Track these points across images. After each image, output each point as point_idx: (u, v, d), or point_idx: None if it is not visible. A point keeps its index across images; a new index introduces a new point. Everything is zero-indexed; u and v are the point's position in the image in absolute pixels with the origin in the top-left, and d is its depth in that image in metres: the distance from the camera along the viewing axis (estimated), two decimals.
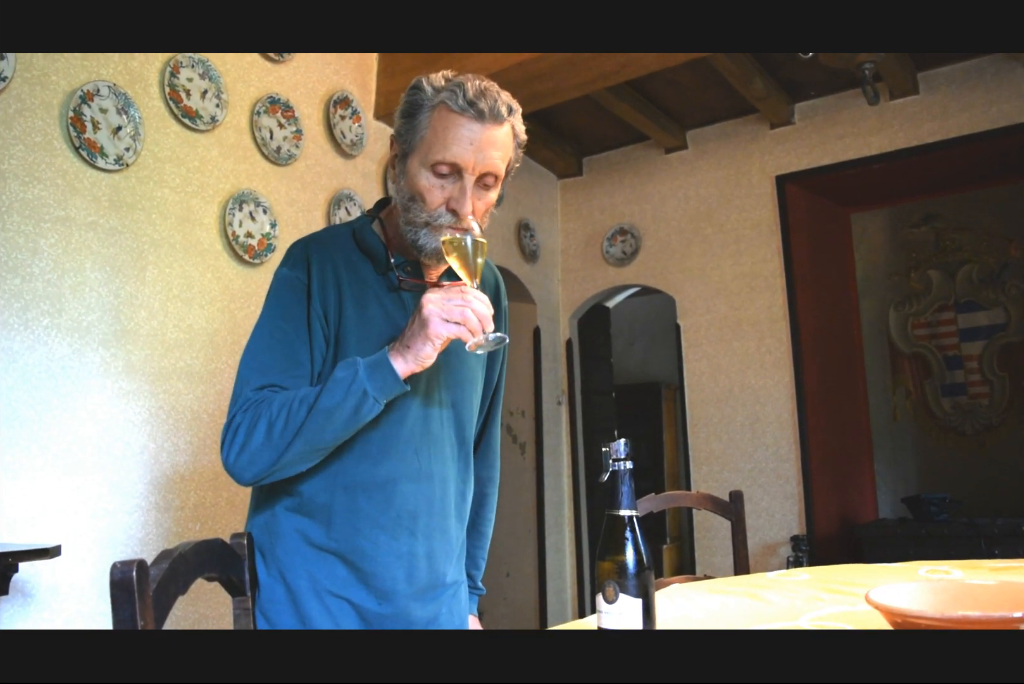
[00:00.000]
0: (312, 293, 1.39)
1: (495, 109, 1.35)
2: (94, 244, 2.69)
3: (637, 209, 5.31)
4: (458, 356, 1.50)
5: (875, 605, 1.20)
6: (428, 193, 1.37)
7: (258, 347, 1.39)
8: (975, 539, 4.04)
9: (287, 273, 1.43)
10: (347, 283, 1.42)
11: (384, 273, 1.46)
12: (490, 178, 1.39)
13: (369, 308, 1.43)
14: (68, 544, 2.45)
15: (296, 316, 1.39)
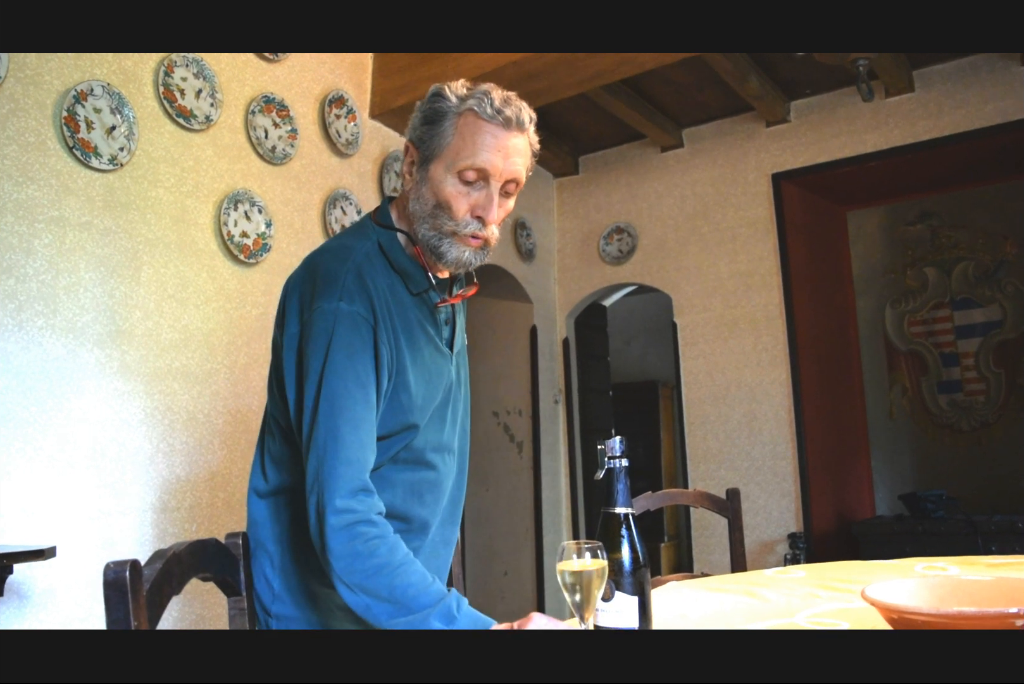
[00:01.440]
0: (379, 332, 1.34)
1: (519, 117, 1.37)
2: (88, 244, 2.68)
3: (633, 207, 5.31)
4: (462, 360, 1.58)
5: (871, 601, 1.20)
6: (455, 200, 1.36)
7: (346, 417, 1.28)
8: (972, 536, 4.04)
9: (347, 309, 1.31)
10: (395, 311, 1.38)
11: (417, 291, 1.43)
12: (512, 185, 1.40)
13: (415, 335, 1.41)
14: (64, 545, 2.45)
15: (366, 353, 1.32)
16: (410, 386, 1.36)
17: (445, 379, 1.47)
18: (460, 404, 1.56)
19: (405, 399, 1.36)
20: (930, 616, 1.11)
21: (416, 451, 1.43)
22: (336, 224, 3.61)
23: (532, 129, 1.43)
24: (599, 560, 1.10)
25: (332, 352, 1.29)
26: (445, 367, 1.47)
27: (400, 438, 1.39)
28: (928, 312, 5.01)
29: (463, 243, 1.38)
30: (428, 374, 1.41)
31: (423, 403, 1.40)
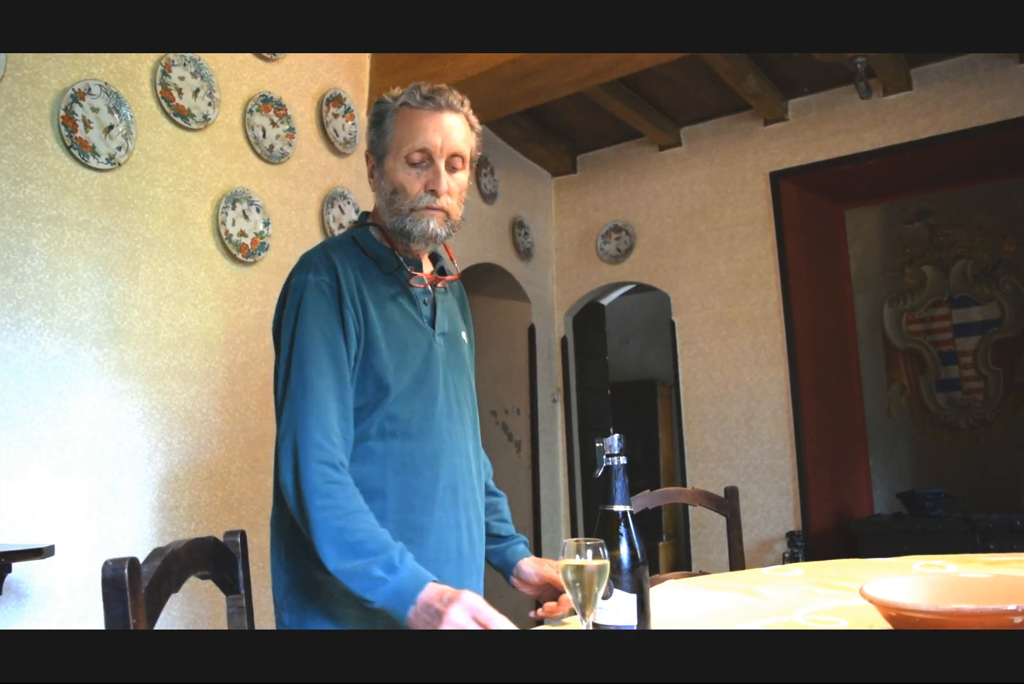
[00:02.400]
0: (342, 293, 1.46)
1: (448, 100, 1.51)
2: (86, 243, 2.68)
3: (631, 206, 5.31)
4: (456, 348, 1.63)
5: (870, 599, 1.20)
6: (407, 183, 1.51)
7: (313, 364, 1.40)
8: (970, 534, 4.05)
9: (314, 278, 1.46)
10: (366, 286, 1.50)
11: (391, 273, 1.55)
12: (457, 160, 1.52)
13: (387, 308, 1.52)
14: (62, 544, 2.45)
15: (333, 316, 1.44)
16: (382, 352, 1.46)
17: (423, 351, 1.53)
18: (459, 389, 1.61)
19: (377, 363, 1.46)
20: (928, 613, 1.11)
21: (402, 422, 1.48)
22: (334, 223, 3.61)
23: (467, 111, 1.56)
24: (600, 558, 1.10)
25: (301, 315, 1.44)
26: (423, 340, 1.54)
27: (379, 405, 1.46)
28: (926, 310, 5.01)
29: (424, 216, 1.50)
30: (403, 343, 1.50)
31: (396, 367, 1.48)
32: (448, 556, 1.51)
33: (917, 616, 1.13)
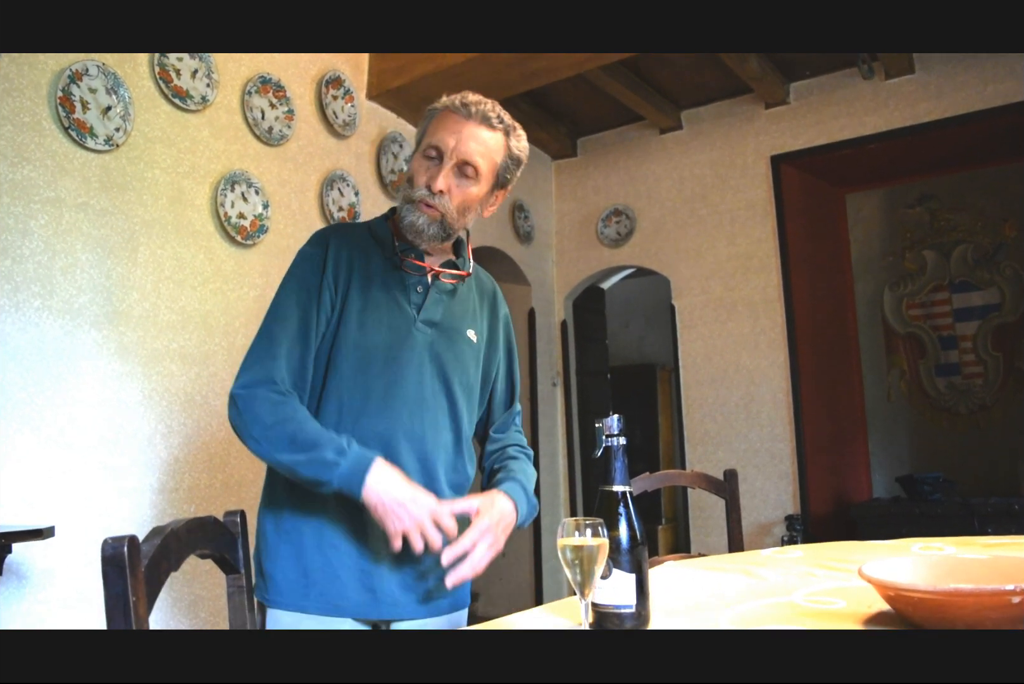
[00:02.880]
0: (326, 265, 1.56)
1: (484, 112, 1.56)
2: (85, 225, 2.67)
3: (632, 190, 5.29)
4: (449, 340, 1.64)
5: (868, 579, 1.20)
6: (417, 174, 1.57)
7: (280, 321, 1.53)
8: (968, 518, 4.06)
9: (308, 250, 1.61)
10: (358, 265, 1.59)
11: (390, 257, 1.62)
12: (470, 169, 1.55)
13: (373, 286, 1.58)
14: (62, 526, 2.45)
15: (312, 285, 1.55)
16: (351, 325, 1.54)
17: (399, 334, 1.57)
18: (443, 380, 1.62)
19: (343, 334, 1.54)
20: (926, 593, 1.12)
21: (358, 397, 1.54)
22: (333, 205, 3.60)
23: (512, 134, 1.61)
24: (599, 537, 1.10)
25: (285, 279, 1.58)
26: (401, 324, 1.58)
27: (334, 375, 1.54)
28: (927, 295, 5.01)
29: (417, 209, 1.56)
30: (377, 324, 1.56)
31: (359, 342, 1.54)
32: None
33: (915, 596, 1.13)
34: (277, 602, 1.48)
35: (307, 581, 1.48)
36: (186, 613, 2.84)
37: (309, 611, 1.47)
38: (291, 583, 1.48)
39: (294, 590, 1.48)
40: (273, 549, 1.51)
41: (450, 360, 1.63)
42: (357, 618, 1.50)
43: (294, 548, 1.49)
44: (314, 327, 1.53)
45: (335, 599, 1.48)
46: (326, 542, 1.49)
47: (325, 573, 1.48)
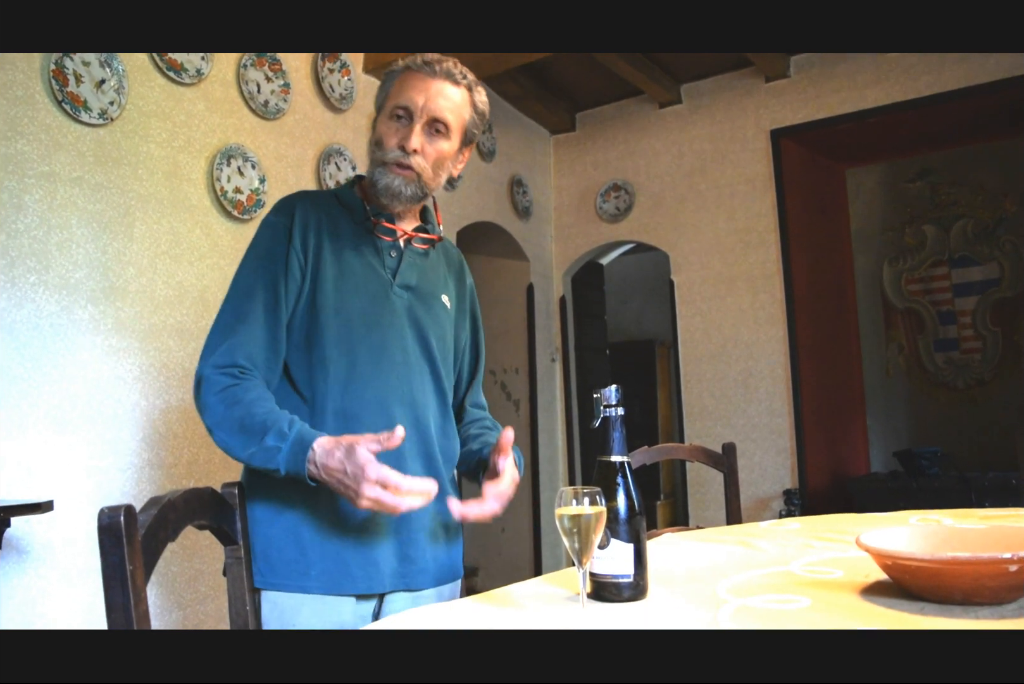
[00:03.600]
0: (293, 234, 1.53)
1: (448, 70, 1.55)
2: (80, 200, 2.65)
3: (631, 164, 5.26)
4: (426, 304, 1.62)
5: (866, 548, 1.20)
6: (386, 136, 1.55)
7: (244, 295, 1.49)
8: (966, 492, 4.07)
9: (272, 219, 1.57)
10: (327, 231, 1.56)
11: (361, 223, 1.60)
12: (440, 126, 1.55)
13: (345, 252, 1.56)
14: (61, 501, 2.46)
15: (278, 255, 1.51)
16: (327, 293, 1.51)
17: (377, 299, 1.55)
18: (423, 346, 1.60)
19: (320, 302, 1.51)
20: (924, 562, 1.12)
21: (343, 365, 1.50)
22: (330, 180, 3.57)
23: (471, 87, 1.60)
24: (597, 505, 1.10)
25: (248, 252, 1.55)
26: (378, 289, 1.56)
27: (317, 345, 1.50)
28: (926, 270, 5.00)
29: (390, 171, 1.54)
30: (354, 288, 1.53)
31: (339, 308, 1.51)
32: None
33: (913, 564, 1.13)
34: (275, 584, 1.44)
35: (306, 560, 1.44)
36: (186, 587, 2.86)
37: (311, 591, 1.43)
38: (289, 563, 1.44)
39: (293, 570, 1.43)
40: (265, 530, 1.46)
41: (429, 324, 1.61)
42: (359, 594, 1.47)
43: (289, 527, 1.45)
44: (283, 299, 1.49)
45: (337, 577, 1.44)
46: (323, 519, 1.46)
47: (324, 551, 1.45)
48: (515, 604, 1.26)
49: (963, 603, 1.11)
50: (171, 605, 2.82)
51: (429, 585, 1.56)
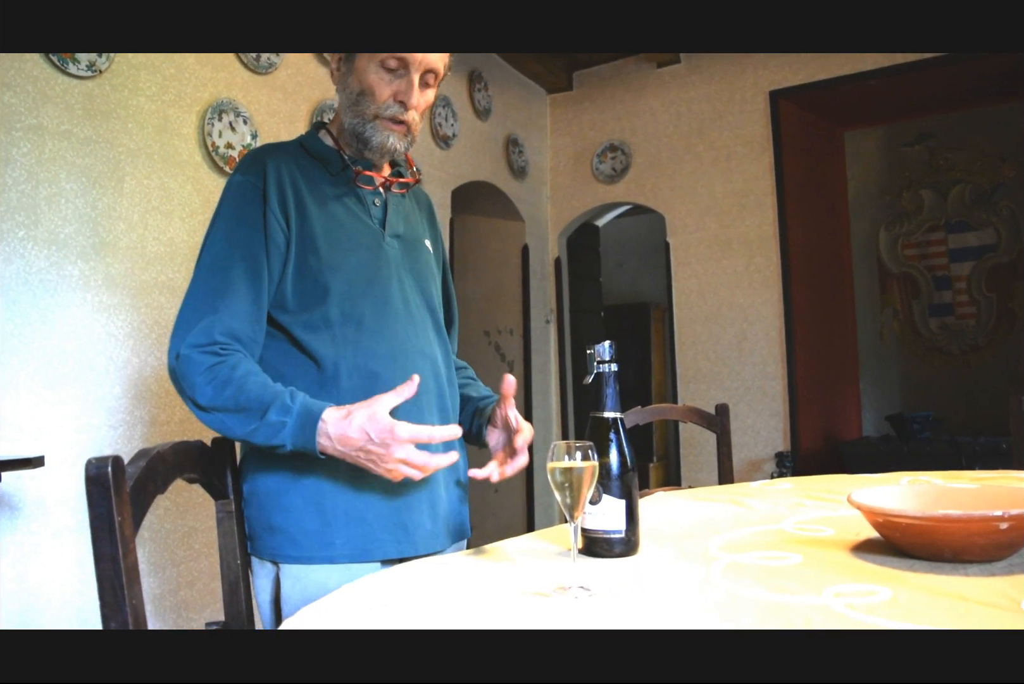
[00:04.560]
0: (268, 194, 1.42)
1: None
2: (68, 154, 2.61)
3: (628, 125, 5.21)
4: (415, 252, 1.58)
5: (857, 505, 1.20)
6: (377, 86, 1.45)
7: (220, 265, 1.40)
8: (956, 457, 4.10)
9: (240, 179, 1.44)
10: (304, 185, 1.47)
11: (338, 173, 1.52)
12: (430, 77, 1.49)
13: (329, 205, 1.48)
14: (53, 457, 2.45)
15: (253, 219, 1.41)
16: (319, 251, 1.43)
17: (372, 251, 1.49)
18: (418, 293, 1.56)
19: (314, 263, 1.42)
20: (915, 519, 1.12)
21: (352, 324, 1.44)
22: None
23: None
24: (590, 460, 1.09)
25: (217, 218, 1.43)
26: (371, 240, 1.50)
27: (319, 306, 1.43)
28: (922, 235, 4.98)
29: (386, 128, 1.47)
30: (347, 243, 1.46)
31: (336, 266, 1.44)
32: None
33: (904, 522, 1.14)
34: (297, 558, 1.38)
35: (330, 530, 1.37)
36: (180, 545, 2.87)
37: (337, 560, 1.37)
38: (312, 534, 1.37)
39: (317, 542, 1.37)
40: (283, 501, 1.38)
41: (421, 272, 1.57)
42: (385, 559, 1.41)
43: (309, 496, 1.38)
44: (264, 267, 1.40)
45: (363, 543, 1.39)
46: (345, 484, 1.38)
47: (350, 517, 1.38)
48: (507, 559, 1.26)
49: (953, 561, 1.12)
50: (165, 562, 2.83)
51: (449, 544, 1.53)
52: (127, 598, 0.91)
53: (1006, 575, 1.05)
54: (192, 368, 1.31)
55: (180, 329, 1.36)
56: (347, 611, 1.00)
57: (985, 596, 0.95)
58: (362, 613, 0.99)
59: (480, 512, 5.26)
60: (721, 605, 0.96)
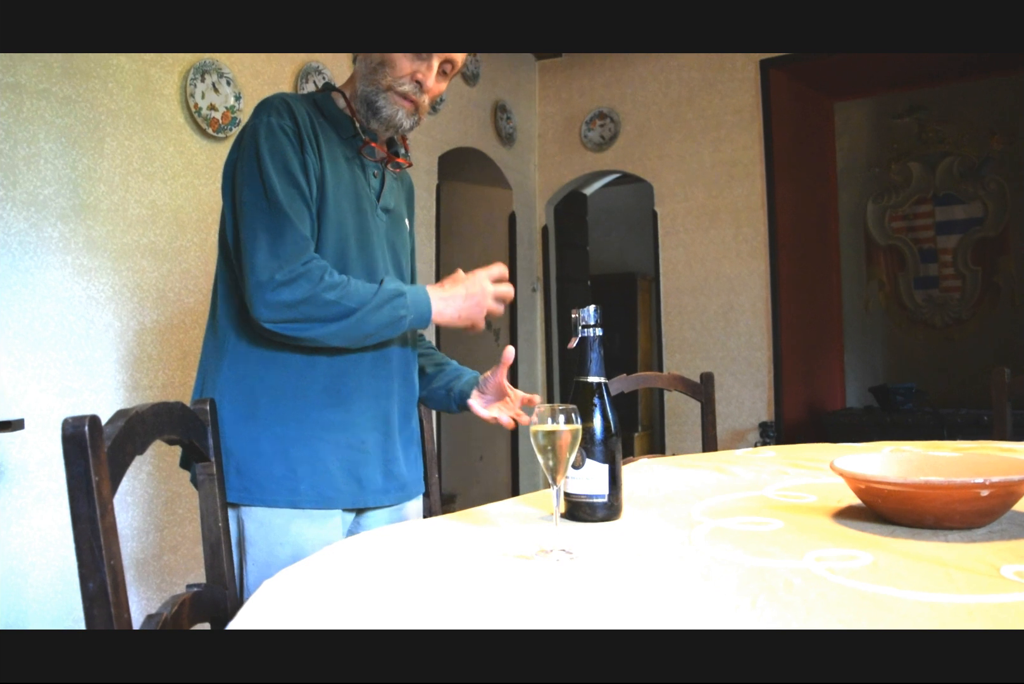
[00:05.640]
0: (302, 137, 1.42)
1: None
2: (47, 113, 2.56)
3: (617, 92, 5.15)
4: (398, 227, 1.62)
5: (840, 472, 1.20)
6: (400, 61, 1.46)
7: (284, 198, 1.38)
8: (938, 428, 4.13)
9: (275, 121, 1.41)
10: (323, 140, 1.48)
11: (348, 138, 1.53)
12: (449, 66, 1.51)
13: (340, 165, 1.49)
14: (35, 422, 2.44)
15: (296, 156, 1.41)
16: (328, 203, 1.44)
17: (366, 218, 1.52)
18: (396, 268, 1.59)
19: (321, 212, 1.44)
20: (897, 485, 1.12)
21: None
22: None
23: None
24: (573, 423, 1.09)
25: (264, 154, 1.38)
26: (367, 208, 1.52)
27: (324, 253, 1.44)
28: (910, 207, 4.97)
29: (397, 102, 1.48)
30: (349, 204, 1.48)
31: (339, 224, 1.46)
32: (375, 424, 1.50)
33: (886, 488, 1.14)
34: (263, 500, 1.42)
35: (295, 476, 1.42)
36: (163, 510, 2.86)
37: (301, 505, 1.42)
38: (278, 479, 1.42)
39: (282, 486, 1.42)
40: (251, 448, 1.43)
41: (399, 248, 1.62)
42: (345, 508, 1.48)
43: (277, 444, 1.43)
44: (311, 201, 1.42)
45: (325, 491, 1.44)
46: (311, 434, 1.44)
47: (314, 466, 1.43)
48: (490, 522, 1.26)
49: (933, 527, 1.12)
50: (148, 527, 2.82)
51: (400, 501, 1.58)
52: (105, 558, 0.90)
53: (985, 541, 1.06)
54: (316, 272, 1.34)
55: (279, 257, 1.34)
56: (329, 572, 1.00)
57: (964, 562, 0.96)
58: (344, 574, 0.99)
59: (465, 480, 5.28)
60: (703, 568, 0.96)
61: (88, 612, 0.91)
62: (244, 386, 1.45)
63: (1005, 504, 1.14)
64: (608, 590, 0.90)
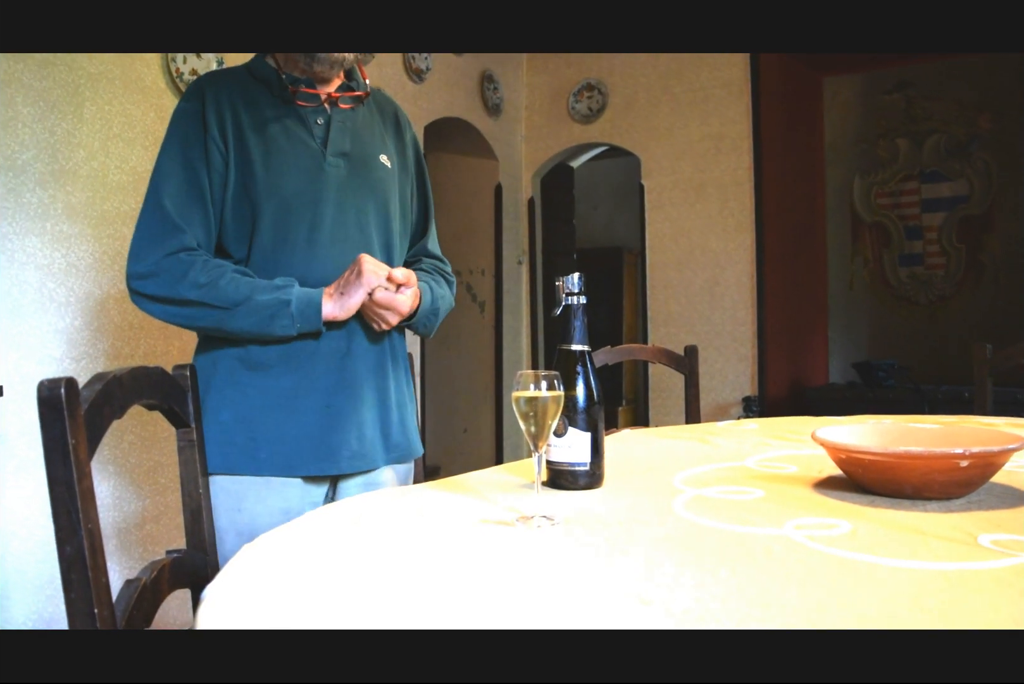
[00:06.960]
0: (207, 120, 1.46)
1: None
2: (24, 76, 2.51)
3: (606, 64, 5.10)
4: (365, 170, 1.57)
5: (821, 442, 1.21)
6: None
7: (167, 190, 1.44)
8: (920, 404, 4.15)
9: (183, 106, 1.49)
10: (244, 108, 1.49)
11: (278, 94, 1.52)
12: None
13: (269, 128, 1.49)
14: (14, 389, 2.41)
15: (193, 142, 1.46)
16: (256, 175, 1.46)
17: (308, 173, 1.50)
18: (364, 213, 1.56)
19: (251, 187, 1.46)
20: (877, 455, 1.13)
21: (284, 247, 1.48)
22: None
23: None
24: (555, 390, 1.08)
25: (164, 144, 1.48)
26: (309, 162, 1.51)
27: (256, 231, 1.47)
28: (896, 184, 4.97)
29: None
30: (283, 167, 1.48)
31: (270, 191, 1.47)
32: (340, 387, 1.49)
33: (866, 458, 1.14)
34: (226, 468, 1.43)
35: (255, 444, 1.43)
36: (145, 478, 2.85)
37: (261, 473, 1.43)
38: (238, 447, 1.44)
39: (242, 453, 1.43)
40: (216, 417, 1.44)
41: (368, 192, 1.56)
42: (307, 476, 1.47)
43: (241, 413, 1.44)
44: (207, 189, 1.46)
45: (287, 459, 1.44)
46: (273, 403, 1.45)
47: (275, 435, 1.44)
48: (471, 490, 1.26)
49: (913, 497, 1.13)
50: (131, 496, 2.81)
51: (383, 464, 1.56)
52: (82, 522, 0.90)
53: (964, 511, 1.06)
54: (179, 267, 1.39)
55: (143, 248, 1.42)
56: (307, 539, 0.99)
57: (942, 530, 0.96)
58: (321, 541, 0.98)
59: (449, 451, 5.28)
60: (683, 535, 0.96)
61: (65, 576, 0.90)
62: (208, 357, 1.49)
63: (984, 475, 1.14)
64: (588, 556, 0.90)
